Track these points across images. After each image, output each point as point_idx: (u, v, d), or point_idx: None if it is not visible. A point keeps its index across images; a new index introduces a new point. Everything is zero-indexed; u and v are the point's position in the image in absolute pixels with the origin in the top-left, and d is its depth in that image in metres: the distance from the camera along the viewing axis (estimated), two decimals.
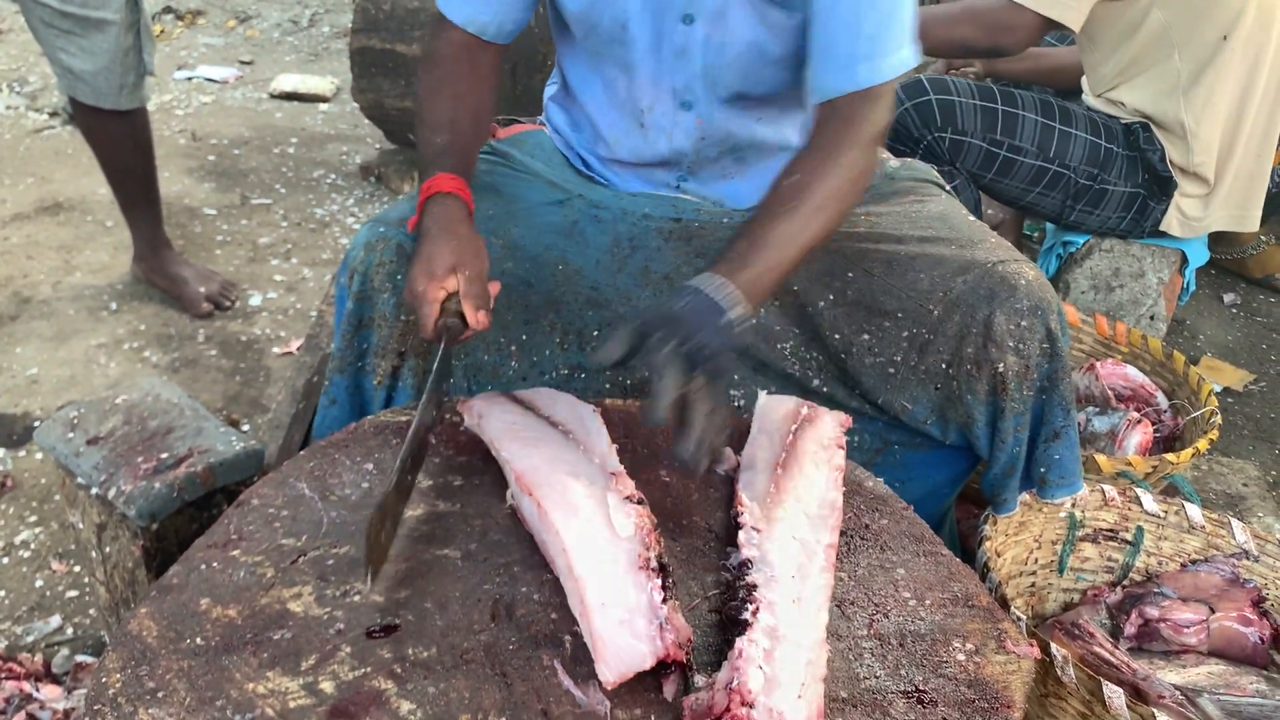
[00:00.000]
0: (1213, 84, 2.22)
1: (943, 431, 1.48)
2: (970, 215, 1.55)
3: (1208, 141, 2.26)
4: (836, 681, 0.94)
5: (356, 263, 1.42)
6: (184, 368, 2.61)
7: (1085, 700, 1.33)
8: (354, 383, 1.46)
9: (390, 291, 1.41)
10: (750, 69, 1.44)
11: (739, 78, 1.45)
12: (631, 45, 1.44)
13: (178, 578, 1.03)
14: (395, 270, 1.41)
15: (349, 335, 1.44)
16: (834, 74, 1.34)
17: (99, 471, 1.44)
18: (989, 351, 1.39)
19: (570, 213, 1.55)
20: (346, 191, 3.60)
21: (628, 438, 1.27)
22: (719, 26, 1.40)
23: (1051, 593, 1.79)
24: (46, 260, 3.03)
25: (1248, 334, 3.13)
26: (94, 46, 2.40)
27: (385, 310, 1.42)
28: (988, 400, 1.42)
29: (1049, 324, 1.39)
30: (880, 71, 1.34)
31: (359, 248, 1.43)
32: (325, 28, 5.21)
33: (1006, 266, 1.40)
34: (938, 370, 1.44)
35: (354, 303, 1.42)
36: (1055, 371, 1.41)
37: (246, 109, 4.23)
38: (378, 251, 1.41)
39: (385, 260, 1.41)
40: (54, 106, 4.00)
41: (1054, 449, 1.47)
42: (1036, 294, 1.39)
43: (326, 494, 1.14)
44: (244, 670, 0.92)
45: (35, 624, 1.86)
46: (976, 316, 1.39)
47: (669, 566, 0.99)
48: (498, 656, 0.94)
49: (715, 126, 1.49)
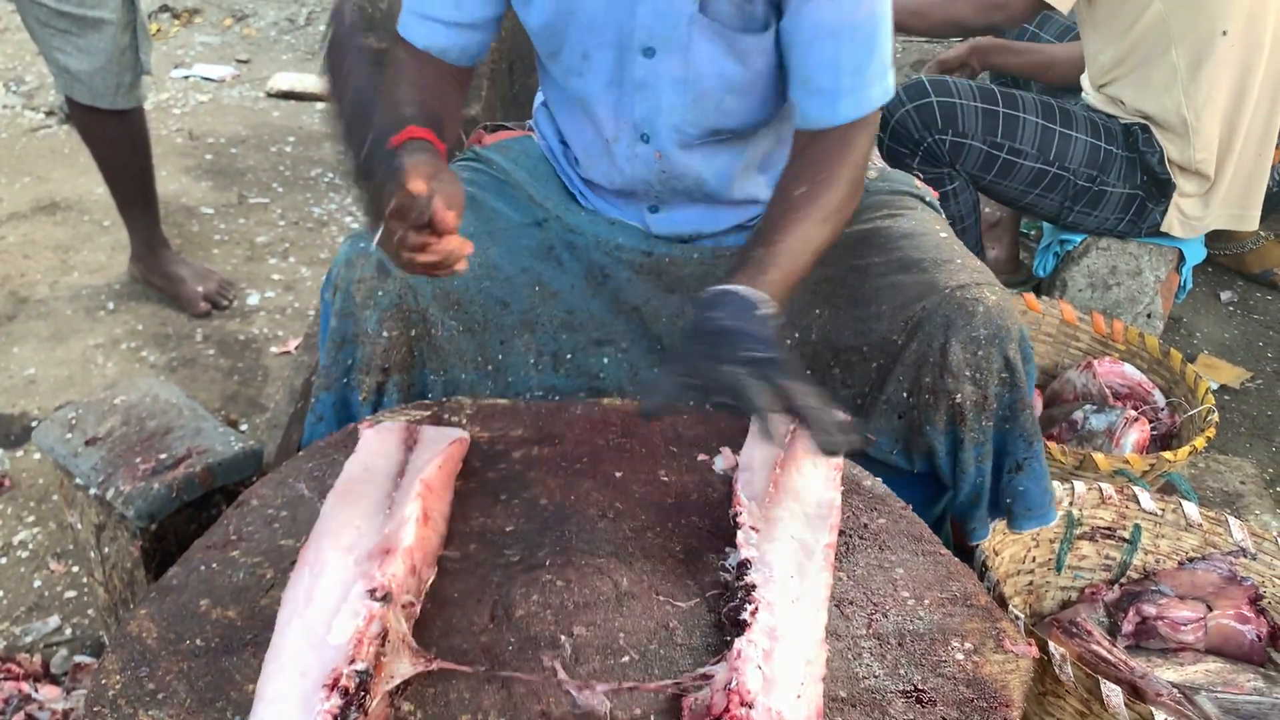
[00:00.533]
0: (1212, 78, 2.22)
1: (909, 461, 1.45)
2: (943, 230, 1.52)
3: (1208, 137, 2.27)
4: (835, 681, 0.94)
5: (338, 279, 1.42)
6: (182, 367, 2.61)
7: (1083, 698, 1.34)
8: (340, 399, 1.45)
9: (372, 308, 1.40)
10: (721, 102, 1.42)
11: (710, 112, 1.42)
12: (592, 76, 1.42)
13: (177, 579, 1.03)
14: (376, 287, 1.40)
15: (334, 352, 1.43)
16: (818, 108, 1.35)
17: (97, 472, 1.45)
18: (945, 381, 1.35)
19: (548, 236, 1.54)
20: (344, 190, 3.59)
21: (625, 437, 1.27)
22: (682, 60, 1.37)
23: (1049, 591, 1.80)
24: (44, 260, 3.02)
25: (1245, 331, 3.13)
26: (90, 46, 2.39)
27: (368, 326, 1.41)
28: (946, 430, 1.39)
29: (1007, 353, 1.34)
30: (863, 105, 1.34)
31: (340, 264, 1.42)
32: (322, 26, 5.20)
33: (966, 292, 1.36)
34: (899, 400, 1.41)
35: (337, 320, 1.42)
36: (1015, 402, 1.37)
37: (243, 108, 4.22)
38: (358, 268, 1.41)
39: (365, 276, 1.40)
40: (51, 106, 3.99)
41: (1018, 480, 1.42)
42: (995, 321, 1.34)
43: (325, 494, 1.14)
44: (244, 671, 0.92)
45: (34, 624, 1.86)
46: (934, 344, 1.36)
47: (370, 681, 0.85)
48: (497, 657, 0.94)
49: (674, 162, 1.47)
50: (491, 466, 1.21)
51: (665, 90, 1.40)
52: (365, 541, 0.98)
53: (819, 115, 1.35)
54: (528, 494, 1.17)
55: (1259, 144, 2.34)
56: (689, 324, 1.18)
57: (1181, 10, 2.20)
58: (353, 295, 1.41)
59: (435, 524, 1.06)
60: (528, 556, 1.07)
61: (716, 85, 1.40)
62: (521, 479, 1.19)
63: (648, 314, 1.50)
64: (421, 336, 1.44)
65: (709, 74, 1.38)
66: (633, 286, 1.51)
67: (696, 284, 1.50)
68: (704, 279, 1.50)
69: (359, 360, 1.43)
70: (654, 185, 1.51)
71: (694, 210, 1.55)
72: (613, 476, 1.20)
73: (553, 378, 1.48)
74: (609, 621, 0.99)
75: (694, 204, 1.55)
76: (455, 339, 1.45)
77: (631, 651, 0.95)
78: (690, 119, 1.43)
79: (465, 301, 1.45)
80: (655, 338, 1.50)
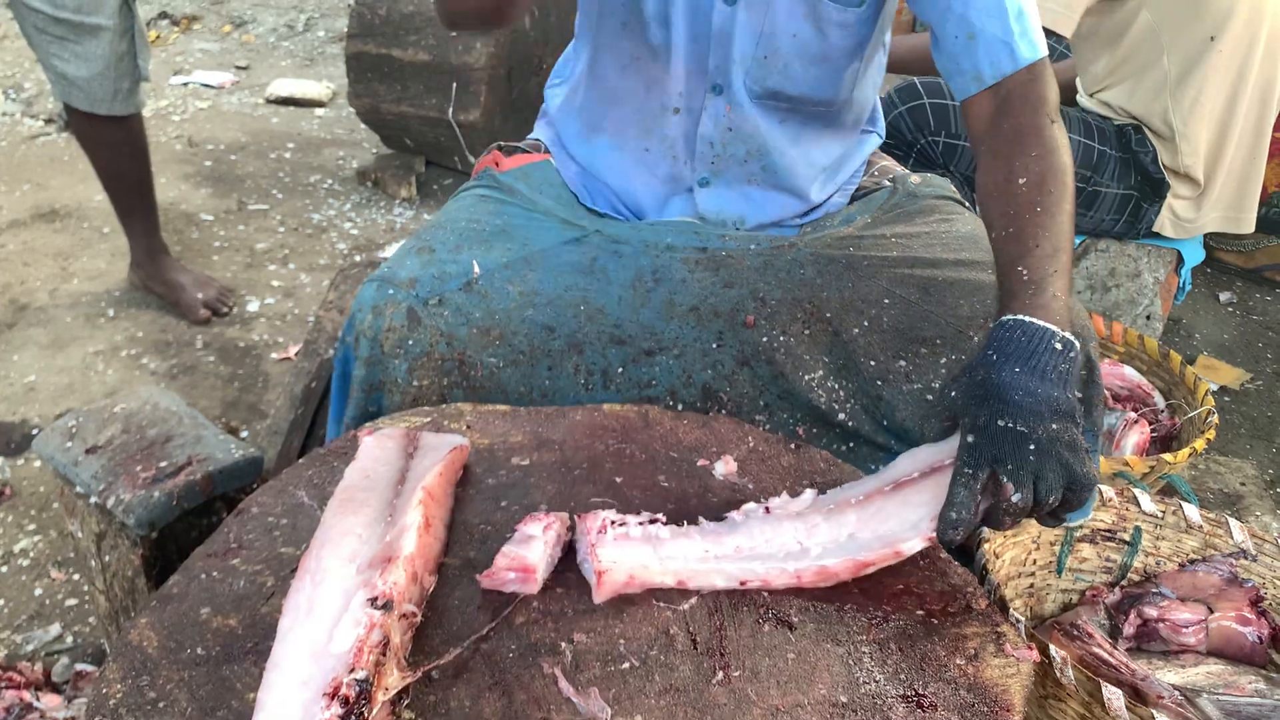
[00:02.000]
0: (1200, 85, 2.23)
1: None
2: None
3: (1195, 143, 2.27)
4: (836, 686, 0.94)
5: (364, 326, 1.38)
6: (182, 374, 2.61)
7: (1085, 701, 1.33)
8: None
9: (401, 358, 1.37)
10: (789, 64, 1.41)
11: (775, 72, 1.42)
12: (674, 26, 1.41)
13: (178, 587, 1.03)
14: (406, 336, 1.37)
15: (361, 401, 1.40)
16: (989, 58, 1.31)
17: (98, 480, 1.45)
18: None
19: (589, 249, 1.50)
20: (343, 196, 3.60)
21: (624, 442, 1.27)
22: (760, 11, 1.37)
23: (1050, 594, 1.80)
24: (43, 267, 3.03)
25: (1244, 333, 3.13)
26: (88, 52, 2.40)
27: (397, 376, 1.38)
28: None
29: (1089, 351, 1.35)
30: (1034, 48, 1.31)
31: (366, 310, 1.38)
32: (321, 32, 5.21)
33: None
34: None
35: (365, 368, 1.38)
36: (1091, 397, 1.37)
37: (243, 114, 4.23)
38: (387, 316, 1.37)
39: (396, 326, 1.37)
40: (50, 113, 4.00)
41: None
42: (1079, 321, 1.35)
43: (326, 502, 1.14)
44: (245, 680, 0.92)
45: (35, 632, 1.86)
46: None
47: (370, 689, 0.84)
48: (497, 665, 0.94)
49: (744, 117, 1.46)
50: (491, 473, 1.21)
51: (740, 38, 1.40)
52: (366, 549, 0.97)
53: (996, 66, 1.30)
54: (527, 500, 1.17)
55: (1251, 148, 2.35)
56: (967, 377, 1.06)
57: (1171, 19, 2.21)
58: (381, 343, 1.37)
59: (436, 531, 1.06)
60: None
61: (789, 46, 1.40)
62: (521, 485, 1.19)
63: (705, 312, 1.46)
64: (456, 383, 1.40)
65: (784, 32, 1.38)
66: (688, 286, 1.48)
67: (757, 275, 1.49)
68: (765, 270, 1.49)
69: (386, 407, 1.40)
70: (714, 147, 1.50)
71: (744, 190, 1.54)
72: (612, 482, 1.20)
73: (603, 395, 1.44)
74: (609, 628, 0.99)
75: (746, 183, 1.54)
76: (495, 375, 1.41)
77: (632, 658, 0.95)
78: (757, 75, 1.43)
79: (508, 334, 1.41)
80: (714, 335, 1.46)
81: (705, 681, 0.94)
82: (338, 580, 0.93)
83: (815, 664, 0.96)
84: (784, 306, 1.46)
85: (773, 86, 1.45)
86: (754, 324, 1.45)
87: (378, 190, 3.64)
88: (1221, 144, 2.30)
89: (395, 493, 1.07)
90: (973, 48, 1.31)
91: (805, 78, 1.44)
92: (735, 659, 0.96)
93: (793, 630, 1.00)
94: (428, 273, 1.41)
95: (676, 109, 1.48)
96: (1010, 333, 1.06)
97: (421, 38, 3.38)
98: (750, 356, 1.45)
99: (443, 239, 1.47)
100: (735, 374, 1.45)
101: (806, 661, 0.97)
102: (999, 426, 0.99)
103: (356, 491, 1.06)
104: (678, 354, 1.45)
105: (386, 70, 3.43)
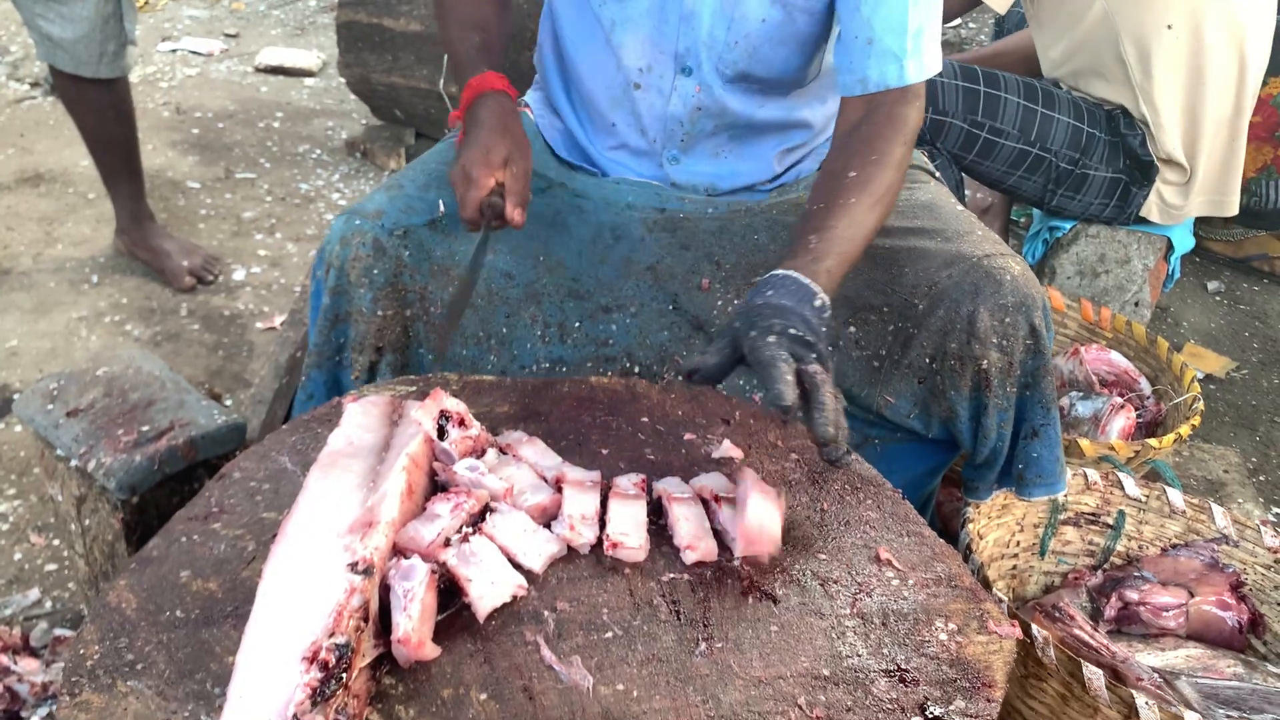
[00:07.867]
0: (1163, 74, 2.24)
1: (925, 425, 1.47)
2: (958, 204, 1.54)
3: (1171, 130, 2.28)
4: (819, 659, 0.94)
5: (332, 256, 1.40)
6: (166, 341, 2.59)
7: (1065, 681, 1.34)
8: (331, 377, 1.44)
9: (367, 287, 1.39)
10: (758, 48, 1.42)
11: (744, 56, 1.43)
12: (634, 3, 1.42)
13: (157, 550, 1.02)
14: (371, 265, 1.39)
15: (326, 330, 1.42)
16: (879, 67, 1.34)
17: (79, 444, 1.43)
18: (972, 347, 1.38)
19: (553, 201, 1.53)
20: (332, 167, 3.57)
21: (611, 415, 1.26)
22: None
23: (1033, 575, 1.80)
24: (27, 232, 2.99)
25: (1231, 321, 3.14)
26: (73, 13, 2.36)
27: (362, 305, 1.40)
28: (971, 396, 1.41)
29: (1033, 320, 1.37)
30: (925, 68, 1.35)
31: (334, 241, 1.41)
32: (311, 1, 5.15)
33: (992, 261, 1.38)
34: (921, 365, 1.43)
35: (330, 297, 1.41)
36: (1038, 368, 1.40)
37: (231, 82, 4.18)
38: (353, 246, 1.40)
39: (361, 255, 1.39)
40: (35, 77, 3.95)
41: (1032, 447, 1.45)
42: (1022, 289, 1.37)
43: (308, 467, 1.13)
44: (224, 644, 0.91)
45: (14, 597, 1.85)
46: (960, 311, 1.38)
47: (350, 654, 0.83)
48: (480, 632, 0.94)
49: (714, 99, 1.48)
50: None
51: (709, 21, 1.41)
52: (347, 515, 0.97)
53: (880, 77, 1.34)
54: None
55: (1229, 131, 2.34)
56: (742, 302, 1.19)
57: (1125, 6, 2.22)
58: (347, 273, 1.40)
59: (418, 499, 1.05)
60: None
61: (757, 30, 1.40)
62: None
63: (662, 272, 1.49)
64: (417, 316, 1.43)
65: (753, 16, 1.40)
66: (645, 246, 1.51)
67: (713, 239, 1.51)
68: (720, 234, 1.51)
69: (352, 338, 1.41)
70: (684, 125, 1.51)
71: (713, 161, 1.55)
72: (599, 454, 1.19)
73: (560, 349, 1.47)
74: (592, 597, 0.98)
75: (714, 156, 1.55)
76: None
77: (615, 627, 0.95)
78: (728, 58, 1.43)
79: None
80: (670, 296, 1.49)
81: (688, 652, 0.93)
82: (319, 545, 0.92)
83: (799, 637, 0.96)
84: (739, 271, 1.49)
85: (744, 70, 1.45)
86: (709, 288, 1.47)
87: (366, 161, 3.62)
88: (1196, 131, 2.30)
89: (379, 459, 1.06)
90: (868, 53, 1.34)
91: (775, 59, 1.45)
92: (718, 630, 0.96)
93: (776, 603, 1.00)
94: (395, 206, 1.44)
95: (637, 84, 1.49)
96: (783, 281, 1.16)
97: (414, 7, 3.35)
98: (705, 321, 1.48)
99: (412, 177, 1.50)
100: (691, 338, 1.48)
101: (790, 634, 0.96)
102: (766, 326, 1.09)
103: (340, 457, 1.05)
104: (634, 312, 1.48)
105: (378, 40, 3.39)
